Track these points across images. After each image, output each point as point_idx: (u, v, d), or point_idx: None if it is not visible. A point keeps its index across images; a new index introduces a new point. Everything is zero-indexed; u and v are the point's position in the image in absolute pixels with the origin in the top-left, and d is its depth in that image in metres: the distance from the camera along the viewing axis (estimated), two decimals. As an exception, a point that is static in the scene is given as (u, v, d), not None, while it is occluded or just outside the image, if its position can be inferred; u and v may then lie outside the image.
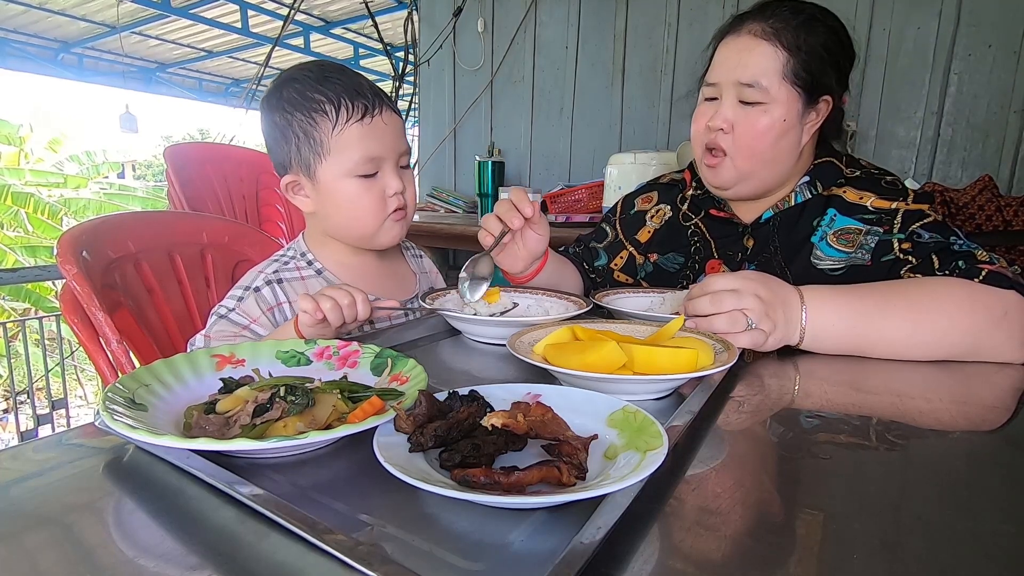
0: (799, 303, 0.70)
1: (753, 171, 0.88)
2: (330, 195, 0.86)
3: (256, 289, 0.87)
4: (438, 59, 3.06)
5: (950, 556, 0.34)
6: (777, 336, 0.69)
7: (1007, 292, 0.71)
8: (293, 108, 0.84)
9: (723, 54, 0.88)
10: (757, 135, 0.85)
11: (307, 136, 0.84)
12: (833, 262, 0.88)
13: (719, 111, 0.87)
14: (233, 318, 0.85)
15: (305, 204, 0.90)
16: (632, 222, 1.10)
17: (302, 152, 0.85)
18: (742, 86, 0.85)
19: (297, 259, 0.93)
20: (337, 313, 0.70)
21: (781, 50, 0.83)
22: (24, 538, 0.35)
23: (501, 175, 2.57)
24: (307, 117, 0.83)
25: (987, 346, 0.71)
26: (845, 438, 0.50)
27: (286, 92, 0.85)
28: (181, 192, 1.95)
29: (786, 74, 0.84)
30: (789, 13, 0.85)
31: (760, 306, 0.67)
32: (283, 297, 0.87)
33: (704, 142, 0.91)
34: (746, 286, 0.68)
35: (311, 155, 0.84)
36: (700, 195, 1.01)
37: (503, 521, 0.37)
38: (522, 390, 0.50)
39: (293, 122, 0.84)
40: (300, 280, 0.90)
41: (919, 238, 0.82)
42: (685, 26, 2.40)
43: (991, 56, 1.88)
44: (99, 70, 5.85)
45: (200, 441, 0.39)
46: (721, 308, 0.67)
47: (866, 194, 0.88)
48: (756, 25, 0.85)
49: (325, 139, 0.83)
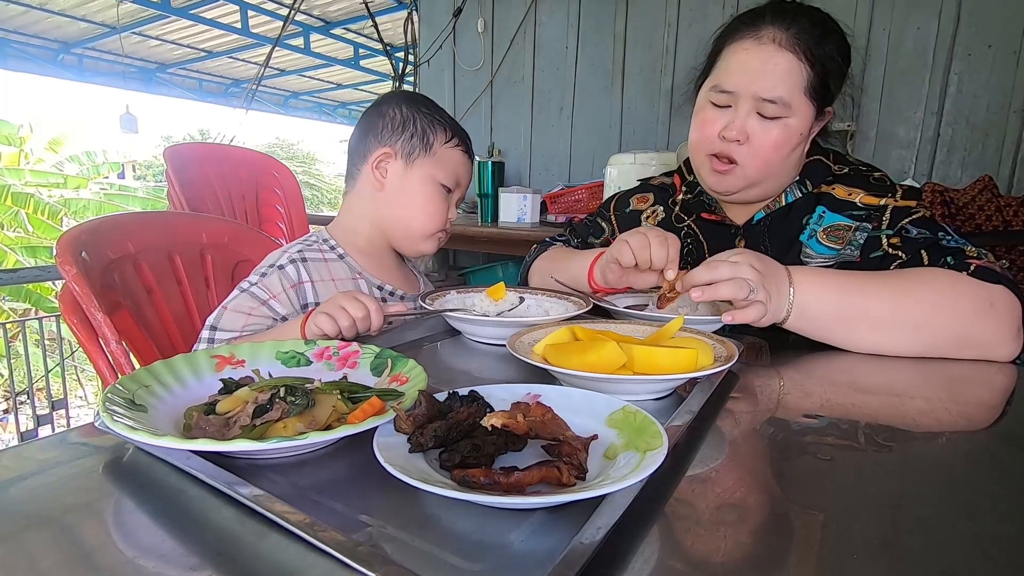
0: (787, 280, 0.72)
1: (762, 179, 0.88)
2: (412, 186, 0.98)
3: (280, 267, 0.92)
4: (438, 59, 3.06)
5: (950, 556, 0.34)
6: (771, 308, 0.70)
7: (995, 286, 0.72)
8: (427, 109, 0.98)
9: (742, 60, 0.84)
10: (774, 148, 0.84)
11: (424, 133, 0.97)
12: (824, 259, 0.88)
13: (735, 122, 0.84)
14: (254, 291, 0.89)
15: (379, 181, 0.98)
16: (628, 221, 1.10)
17: (412, 140, 0.97)
18: (763, 101, 0.82)
19: (320, 243, 0.99)
20: (353, 332, 0.74)
21: (804, 63, 0.81)
22: (24, 538, 0.35)
23: (501, 175, 2.57)
24: (430, 123, 0.98)
25: (974, 339, 0.71)
26: (845, 438, 0.50)
27: (420, 99, 1.00)
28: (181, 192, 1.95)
29: (806, 88, 0.82)
30: (809, 23, 0.82)
31: (757, 276, 0.69)
32: (306, 276, 0.93)
33: (713, 150, 0.88)
34: (741, 258, 0.70)
35: (419, 147, 0.97)
36: (690, 199, 1.01)
37: (503, 521, 0.37)
38: (522, 390, 0.50)
39: (419, 118, 0.97)
40: (323, 262, 0.96)
41: (908, 234, 0.82)
42: (685, 26, 2.41)
43: (991, 56, 1.88)
44: (99, 70, 5.85)
45: (200, 442, 0.39)
46: (719, 276, 0.68)
47: (855, 191, 0.88)
48: (779, 33, 0.82)
49: (436, 145, 0.98)
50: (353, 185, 1.01)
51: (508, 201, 2.44)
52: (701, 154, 0.91)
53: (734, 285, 0.67)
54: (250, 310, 0.88)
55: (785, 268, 0.73)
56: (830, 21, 0.85)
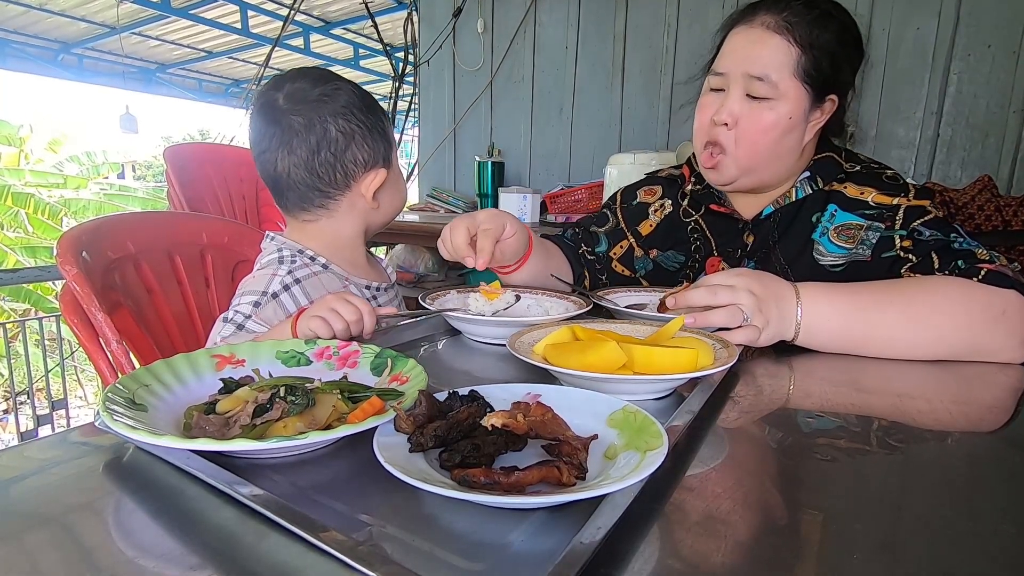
0: (794, 298, 0.71)
1: (754, 166, 0.88)
2: (395, 177, 1.00)
3: (275, 295, 0.86)
4: (438, 59, 3.06)
5: (950, 556, 0.34)
6: (770, 332, 0.69)
7: (1007, 291, 0.71)
8: (358, 109, 0.93)
9: (733, 43, 0.86)
10: (761, 131, 0.84)
11: (381, 130, 0.96)
12: (834, 258, 0.87)
13: (725, 104, 0.86)
14: (250, 327, 0.84)
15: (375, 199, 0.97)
16: (635, 212, 1.09)
17: (379, 146, 0.95)
18: (751, 79, 0.83)
19: (300, 256, 0.93)
20: (347, 336, 0.71)
21: (794, 46, 0.82)
22: (24, 538, 0.35)
23: (501, 175, 2.57)
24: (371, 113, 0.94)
25: (986, 345, 0.71)
26: (845, 438, 0.50)
27: (342, 98, 0.92)
28: (181, 193, 1.95)
29: (797, 70, 0.82)
30: (803, 7, 0.83)
31: (754, 302, 0.68)
32: (304, 301, 0.88)
33: (707, 138, 0.89)
34: (740, 282, 0.69)
35: (385, 145, 0.96)
36: (699, 190, 1.00)
37: (503, 521, 0.36)
38: (522, 390, 0.50)
39: (364, 120, 0.93)
40: (314, 276, 0.91)
41: (920, 235, 0.82)
42: (685, 26, 2.40)
43: (991, 56, 1.88)
44: (99, 71, 5.85)
45: (200, 441, 0.39)
46: (717, 301, 0.68)
47: (867, 189, 0.88)
48: (770, 17, 0.83)
49: (388, 128, 0.97)
50: (328, 213, 0.94)
51: (508, 201, 2.44)
52: (699, 143, 0.92)
53: (727, 314, 0.67)
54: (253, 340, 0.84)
55: (793, 286, 0.72)
56: (828, 6, 0.85)
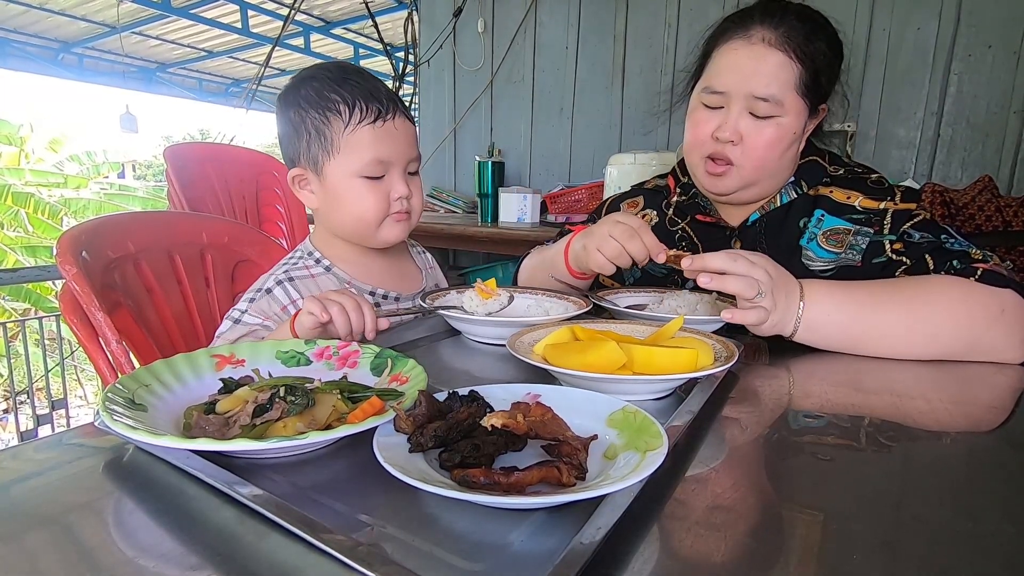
0: (798, 294, 0.71)
1: (758, 180, 0.88)
2: (335, 193, 0.87)
3: (268, 291, 0.88)
4: (438, 59, 3.06)
5: (950, 556, 0.34)
6: (775, 319, 0.69)
7: (1004, 290, 0.71)
8: (308, 105, 0.85)
9: (732, 61, 0.84)
10: (768, 147, 0.84)
11: (318, 133, 0.85)
12: (824, 263, 0.88)
13: (728, 122, 0.84)
14: (246, 320, 0.85)
15: (309, 200, 0.91)
16: None
17: (311, 148, 0.86)
18: (755, 99, 0.82)
19: (305, 258, 0.94)
20: (344, 319, 0.68)
21: (795, 62, 0.81)
22: (24, 538, 0.35)
23: (501, 175, 2.57)
24: (321, 115, 0.84)
25: (985, 344, 0.71)
26: (845, 438, 0.50)
27: (304, 89, 0.86)
28: (181, 192, 1.95)
29: (798, 86, 0.82)
30: (797, 20, 0.82)
31: (769, 281, 0.67)
32: (295, 295, 0.88)
33: (707, 152, 0.88)
34: (760, 260, 0.69)
35: (320, 152, 0.85)
36: (685, 201, 1.00)
37: (503, 521, 0.37)
38: (522, 390, 0.50)
39: (307, 118, 0.85)
40: (310, 277, 0.91)
41: (910, 238, 0.82)
42: (685, 26, 2.40)
43: (991, 56, 1.88)
44: (99, 70, 5.85)
45: (200, 441, 0.39)
46: (735, 268, 0.67)
47: (853, 193, 0.88)
48: (769, 32, 0.82)
49: (336, 138, 0.84)
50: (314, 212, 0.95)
51: (508, 201, 2.44)
52: (696, 156, 0.91)
53: (744, 282, 0.66)
54: (249, 332, 0.85)
55: (798, 282, 0.72)
56: (818, 17, 0.85)
